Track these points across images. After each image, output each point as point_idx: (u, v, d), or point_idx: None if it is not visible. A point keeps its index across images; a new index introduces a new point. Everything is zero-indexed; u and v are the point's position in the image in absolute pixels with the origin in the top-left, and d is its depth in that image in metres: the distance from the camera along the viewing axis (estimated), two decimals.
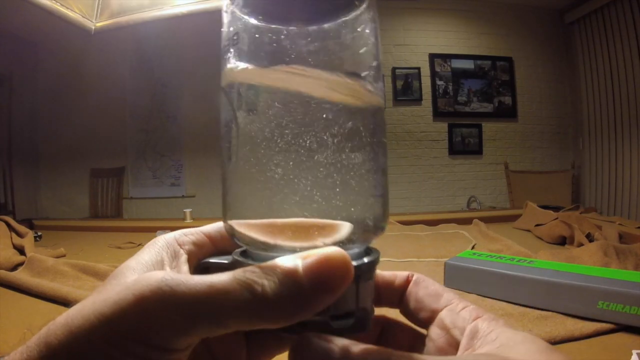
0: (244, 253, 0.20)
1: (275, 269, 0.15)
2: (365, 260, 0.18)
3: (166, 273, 0.16)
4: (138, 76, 3.41)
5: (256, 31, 0.18)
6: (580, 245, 0.83)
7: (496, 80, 3.44)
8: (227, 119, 0.19)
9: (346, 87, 0.18)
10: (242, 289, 0.15)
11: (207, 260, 0.21)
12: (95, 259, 0.85)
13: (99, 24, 1.50)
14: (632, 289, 0.46)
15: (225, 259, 0.20)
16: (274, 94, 0.18)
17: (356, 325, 0.18)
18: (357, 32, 0.18)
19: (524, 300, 0.54)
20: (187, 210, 1.47)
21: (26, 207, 3.28)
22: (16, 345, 0.15)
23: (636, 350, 0.39)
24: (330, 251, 0.16)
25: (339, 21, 0.18)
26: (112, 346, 0.14)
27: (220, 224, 0.21)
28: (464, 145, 3.47)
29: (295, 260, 0.16)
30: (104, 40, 2.59)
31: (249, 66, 0.18)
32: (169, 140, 3.43)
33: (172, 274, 0.16)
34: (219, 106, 0.19)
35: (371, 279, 0.19)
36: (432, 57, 3.40)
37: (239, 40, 0.18)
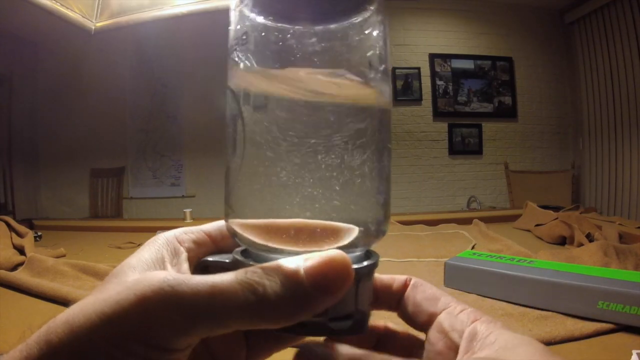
0: (244, 252, 0.20)
1: (277, 270, 0.15)
2: (365, 263, 0.18)
3: (168, 273, 0.16)
4: (138, 76, 3.41)
5: (266, 31, 0.18)
6: (580, 245, 0.83)
7: (496, 80, 3.44)
8: (233, 118, 0.19)
9: (353, 90, 0.18)
10: (243, 289, 0.15)
11: (207, 259, 0.21)
12: (95, 259, 0.85)
13: (99, 24, 1.50)
14: (632, 289, 0.46)
15: (225, 258, 0.20)
16: (280, 96, 0.18)
17: (354, 327, 0.18)
18: (366, 34, 0.18)
19: (524, 300, 0.54)
20: (187, 210, 1.47)
21: (26, 207, 3.28)
22: (16, 345, 0.15)
23: (636, 350, 0.39)
24: (331, 254, 0.16)
25: (351, 23, 0.18)
26: (113, 345, 0.14)
27: (221, 223, 0.21)
28: (464, 145, 3.47)
29: (297, 262, 0.16)
30: (104, 40, 2.59)
31: (258, 70, 0.18)
32: (169, 140, 3.43)
33: (173, 274, 0.16)
34: (219, 106, 0.19)
35: (370, 282, 0.19)
36: (432, 57, 3.40)
37: (248, 40, 0.18)
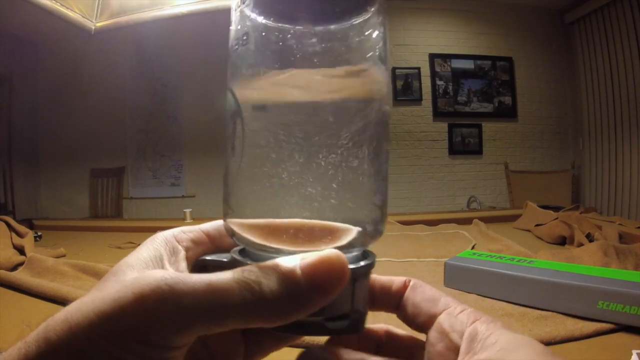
0: (242, 252, 0.20)
1: (274, 269, 0.16)
2: (362, 263, 0.19)
3: (165, 272, 0.16)
4: (138, 76, 3.41)
5: (267, 32, 0.18)
6: (580, 245, 0.83)
7: (496, 80, 3.44)
8: (232, 118, 0.19)
9: (352, 91, 0.18)
10: (240, 288, 0.15)
11: (205, 258, 0.21)
12: (95, 259, 0.85)
13: (99, 24, 1.50)
14: (632, 289, 0.46)
15: (223, 257, 0.20)
16: (279, 96, 0.18)
17: (350, 326, 0.18)
18: (366, 35, 0.18)
19: (524, 300, 0.54)
20: (187, 210, 1.47)
21: (26, 207, 3.28)
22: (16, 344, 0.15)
23: (636, 350, 0.39)
24: (328, 253, 0.16)
25: (352, 23, 0.18)
26: (111, 343, 0.14)
27: (219, 222, 0.21)
28: (464, 145, 3.47)
29: (294, 261, 0.16)
30: (104, 40, 2.59)
31: (258, 70, 0.18)
32: (169, 140, 3.43)
33: (171, 272, 0.16)
34: (219, 106, 0.19)
35: (367, 282, 0.19)
36: (432, 57, 3.40)
37: (249, 40, 0.18)
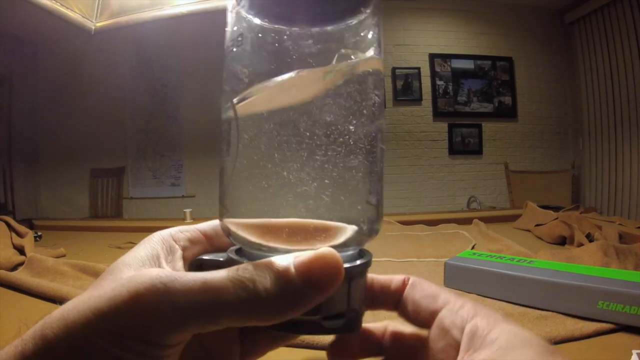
0: (238, 251, 0.20)
1: (268, 267, 0.16)
2: (357, 262, 0.19)
3: (161, 270, 0.16)
4: (138, 76, 3.41)
5: (262, 33, 0.18)
6: (580, 245, 0.83)
7: (496, 80, 3.44)
8: (227, 118, 0.19)
9: (346, 91, 0.18)
10: (235, 286, 0.15)
11: (202, 257, 0.21)
12: (95, 259, 0.85)
13: (99, 24, 1.50)
14: (632, 289, 0.46)
15: (220, 256, 0.20)
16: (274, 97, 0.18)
17: (346, 325, 0.18)
18: (361, 36, 0.18)
19: (524, 300, 0.54)
20: (187, 210, 1.47)
21: (26, 207, 3.28)
22: None
23: (636, 350, 0.39)
24: (322, 252, 0.16)
25: (347, 25, 0.18)
26: (107, 341, 0.14)
27: (216, 222, 0.21)
28: (464, 145, 3.47)
29: (288, 259, 0.16)
30: (104, 40, 2.59)
31: (253, 71, 0.18)
32: (169, 140, 3.43)
33: (166, 271, 0.16)
34: (219, 106, 0.19)
35: (363, 281, 0.19)
36: (432, 57, 3.40)
37: (244, 41, 0.18)
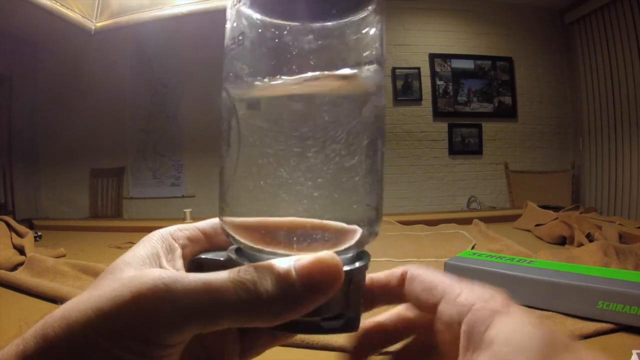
0: (238, 251, 0.20)
1: (269, 269, 0.16)
2: (357, 264, 0.19)
3: (163, 271, 0.16)
4: (138, 76, 3.41)
5: (262, 30, 0.18)
6: (580, 245, 0.83)
7: (496, 80, 3.44)
8: (227, 117, 0.19)
9: (348, 90, 0.18)
10: (236, 288, 0.15)
11: (201, 257, 0.21)
12: (95, 259, 0.85)
13: (99, 24, 1.50)
14: (632, 289, 0.46)
15: (219, 255, 0.20)
16: (275, 98, 0.18)
17: (346, 326, 0.18)
18: (362, 34, 0.18)
19: (524, 300, 0.54)
20: (187, 210, 1.47)
21: (26, 207, 3.28)
22: None
23: (636, 350, 0.39)
24: (322, 255, 0.16)
25: (348, 22, 0.18)
26: (108, 341, 0.14)
27: (215, 221, 0.21)
28: (464, 145, 3.47)
29: (289, 262, 0.16)
30: (104, 40, 2.59)
31: (254, 69, 0.18)
32: (169, 140, 3.43)
33: (168, 272, 0.16)
34: (219, 106, 0.19)
35: (362, 282, 0.20)
36: (432, 57, 3.40)
37: (244, 38, 0.18)
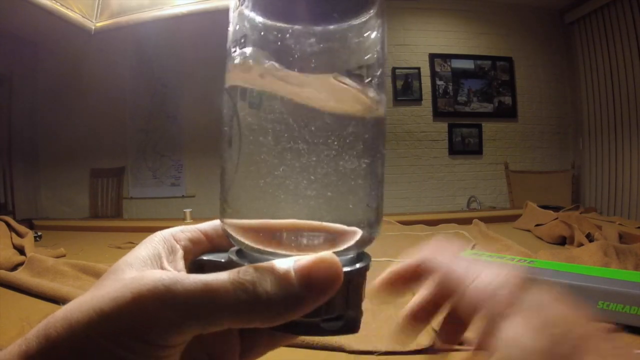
0: (239, 252, 0.20)
1: (269, 270, 0.16)
2: (357, 266, 0.19)
3: (163, 273, 0.16)
4: (138, 76, 3.41)
5: (265, 32, 0.18)
6: (580, 245, 0.83)
7: (496, 80, 3.44)
8: (228, 118, 0.19)
9: (349, 95, 0.18)
10: (235, 289, 0.15)
11: (203, 258, 0.21)
12: (95, 259, 0.85)
13: (99, 24, 1.50)
14: (632, 289, 0.46)
15: (220, 257, 0.20)
16: (276, 98, 0.18)
17: (345, 327, 0.18)
18: (364, 37, 0.18)
19: None
20: (187, 210, 1.47)
21: (26, 207, 3.28)
22: None
23: (636, 350, 0.39)
24: (321, 256, 0.17)
25: (351, 25, 0.18)
26: (110, 341, 0.14)
27: (217, 222, 0.21)
28: (464, 145, 3.47)
29: (289, 263, 0.16)
30: (104, 40, 2.59)
31: (255, 70, 0.18)
32: (169, 140, 3.43)
33: (169, 273, 0.16)
34: (219, 106, 0.19)
35: (362, 284, 0.20)
36: (432, 57, 3.40)
37: (246, 40, 0.18)
